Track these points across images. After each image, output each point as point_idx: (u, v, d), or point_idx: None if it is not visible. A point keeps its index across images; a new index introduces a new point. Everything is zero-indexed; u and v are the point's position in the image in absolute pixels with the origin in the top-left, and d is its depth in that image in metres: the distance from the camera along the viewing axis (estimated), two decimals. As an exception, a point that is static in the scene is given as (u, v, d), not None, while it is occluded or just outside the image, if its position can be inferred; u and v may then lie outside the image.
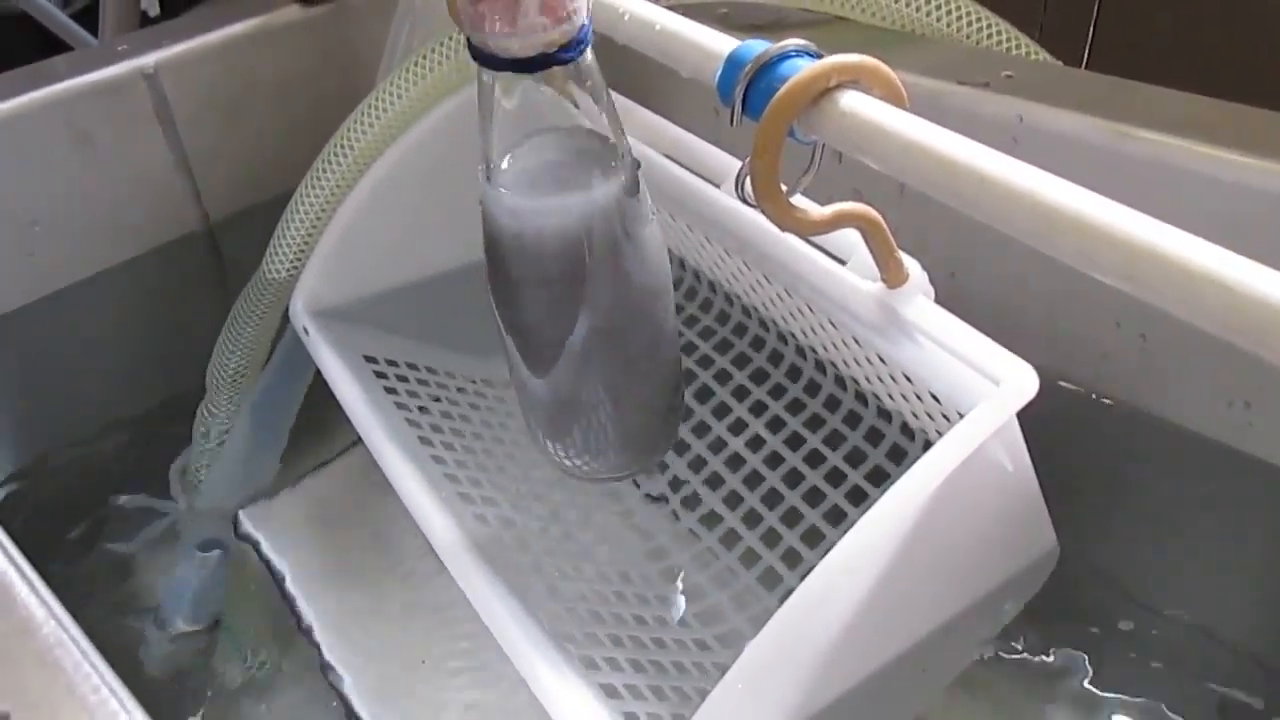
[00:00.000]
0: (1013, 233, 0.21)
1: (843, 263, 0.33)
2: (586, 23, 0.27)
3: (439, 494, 0.39)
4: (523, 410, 0.35)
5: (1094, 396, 0.43)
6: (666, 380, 0.34)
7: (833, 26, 0.48)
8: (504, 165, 0.29)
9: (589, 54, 0.27)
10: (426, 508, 0.38)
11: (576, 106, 0.28)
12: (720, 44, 0.28)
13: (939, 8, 0.46)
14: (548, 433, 0.34)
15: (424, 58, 0.49)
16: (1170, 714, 0.37)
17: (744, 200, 0.28)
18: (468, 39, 0.27)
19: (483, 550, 0.37)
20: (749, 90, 0.26)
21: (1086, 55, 0.76)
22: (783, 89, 0.25)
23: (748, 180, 0.27)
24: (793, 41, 0.26)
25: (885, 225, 0.28)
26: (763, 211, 0.27)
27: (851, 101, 0.24)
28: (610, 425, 0.33)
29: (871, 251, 0.29)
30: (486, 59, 0.27)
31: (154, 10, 1.24)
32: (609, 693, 0.33)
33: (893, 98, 0.25)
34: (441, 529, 0.37)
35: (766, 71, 0.26)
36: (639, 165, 0.30)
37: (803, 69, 0.25)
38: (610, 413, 0.33)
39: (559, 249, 0.29)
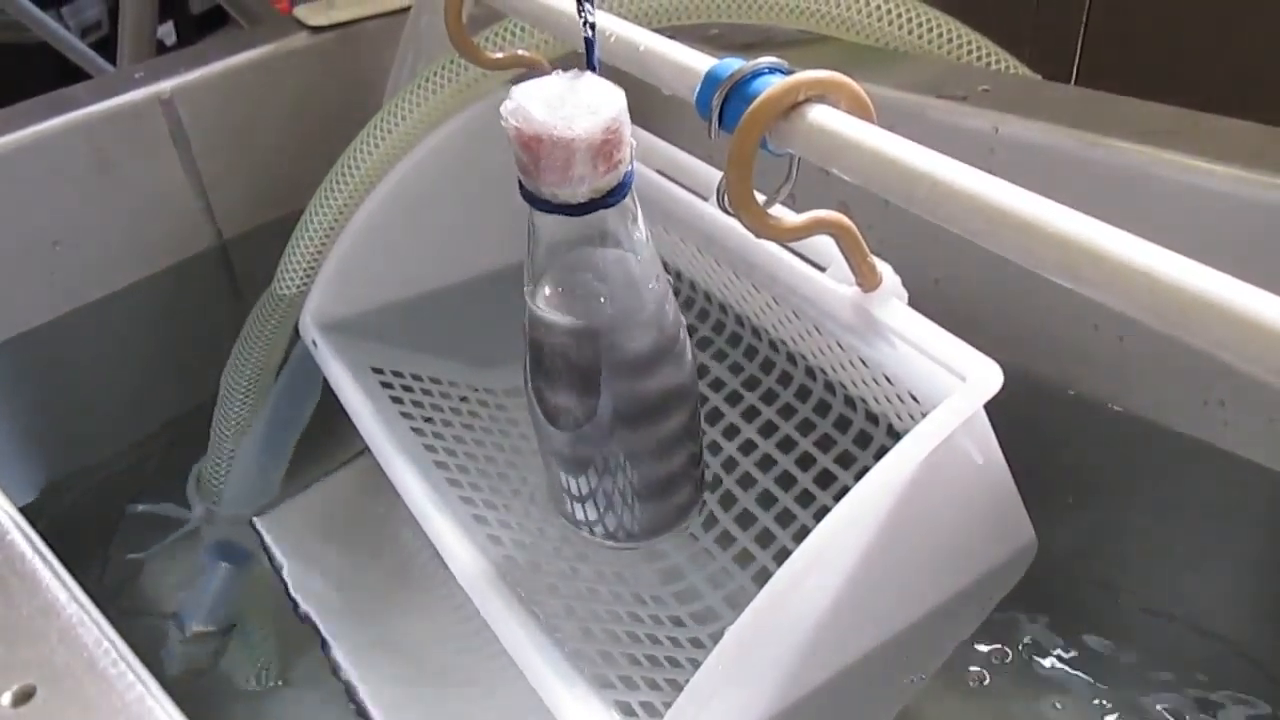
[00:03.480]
0: (963, 233, 0.22)
1: (823, 270, 0.35)
2: (630, 168, 0.29)
3: (442, 499, 0.40)
4: (551, 490, 0.38)
5: (1074, 397, 0.44)
6: (684, 460, 0.37)
7: (819, 45, 0.50)
8: (544, 285, 0.32)
9: (632, 194, 0.30)
10: (430, 512, 0.39)
11: (616, 235, 0.31)
12: (698, 62, 0.29)
13: (920, 25, 0.48)
14: (578, 511, 0.38)
15: (427, 81, 0.51)
16: (1155, 709, 0.38)
17: (724, 209, 0.29)
18: (520, 181, 0.29)
19: (483, 550, 0.38)
20: (725, 105, 0.28)
21: (1074, 75, 0.78)
22: (754, 104, 0.26)
23: (725, 192, 0.28)
24: (765, 60, 0.28)
25: (857, 231, 0.30)
26: (739, 219, 0.28)
27: (819, 115, 0.26)
28: (631, 500, 0.36)
29: (845, 257, 0.31)
30: (538, 203, 0.29)
31: (170, 39, 1.28)
32: (603, 682, 0.34)
33: (859, 110, 0.27)
34: (444, 531, 0.38)
35: (741, 87, 0.27)
36: (671, 283, 0.33)
37: (773, 85, 0.27)
38: (632, 489, 0.36)
39: (592, 365, 0.32)
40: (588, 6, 0.30)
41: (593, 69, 0.30)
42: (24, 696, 0.22)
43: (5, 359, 0.55)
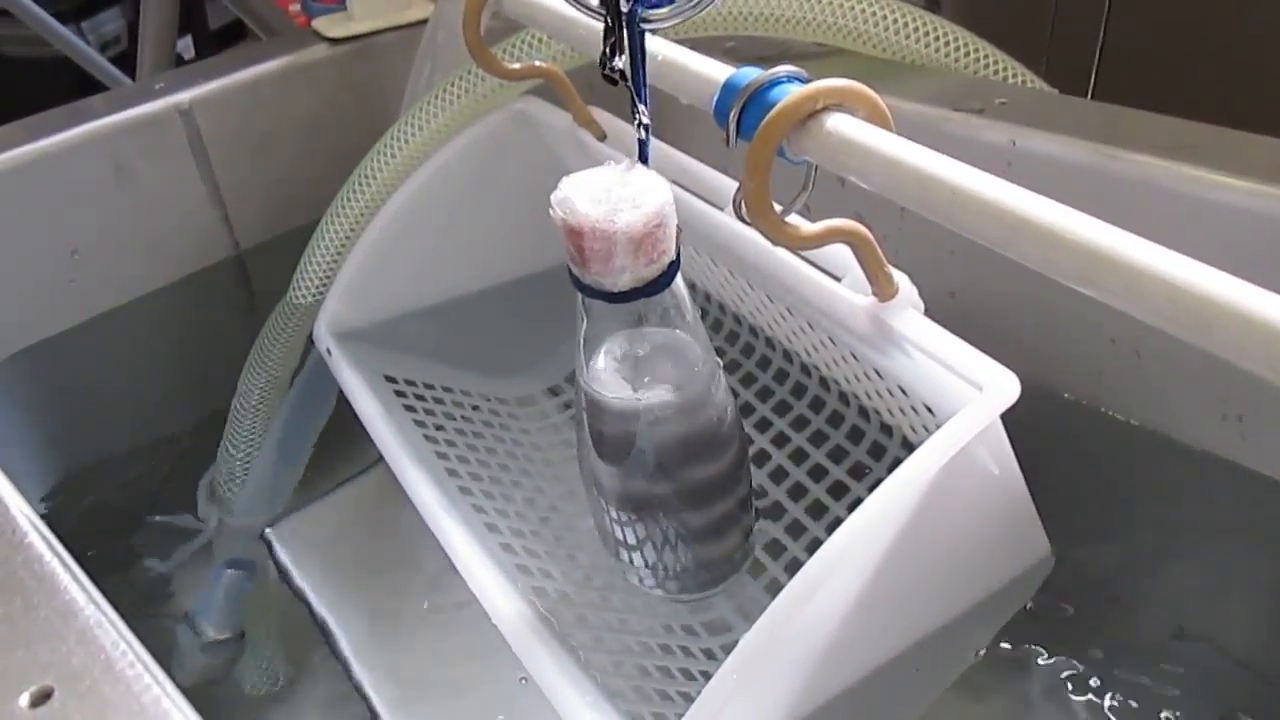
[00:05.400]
0: (982, 241, 0.22)
1: (838, 280, 0.35)
2: (675, 258, 0.30)
3: (455, 507, 0.41)
4: (605, 544, 0.39)
5: (1090, 411, 0.44)
6: (733, 513, 0.38)
7: (835, 59, 0.50)
8: (595, 364, 0.34)
9: (677, 280, 0.31)
10: (443, 520, 0.39)
11: (664, 317, 0.32)
12: (717, 72, 0.30)
13: (936, 39, 0.48)
14: (633, 568, 0.39)
15: (443, 92, 0.52)
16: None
17: (740, 218, 0.29)
18: (569, 267, 0.30)
19: (496, 559, 0.38)
20: (742, 114, 0.28)
21: (1091, 90, 0.78)
22: (772, 112, 0.26)
23: (743, 200, 0.28)
24: (783, 68, 0.28)
25: (873, 240, 0.30)
26: (757, 227, 0.28)
27: (836, 123, 0.26)
28: (686, 558, 0.37)
29: (862, 266, 0.31)
30: (584, 288, 0.30)
31: (189, 54, 1.29)
32: (615, 692, 0.34)
33: (877, 119, 0.27)
34: (457, 540, 0.38)
35: (758, 96, 0.28)
36: (719, 364, 0.35)
37: (792, 93, 0.27)
38: (685, 547, 0.37)
39: (646, 435, 0.34)
40: (641, 109, 0.32)
41: (644, 162, 0.32)
42: (41, 697, 0.22)
43: (24, 366, 0.56)
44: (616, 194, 0.29)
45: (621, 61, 0.31)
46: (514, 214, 0.50)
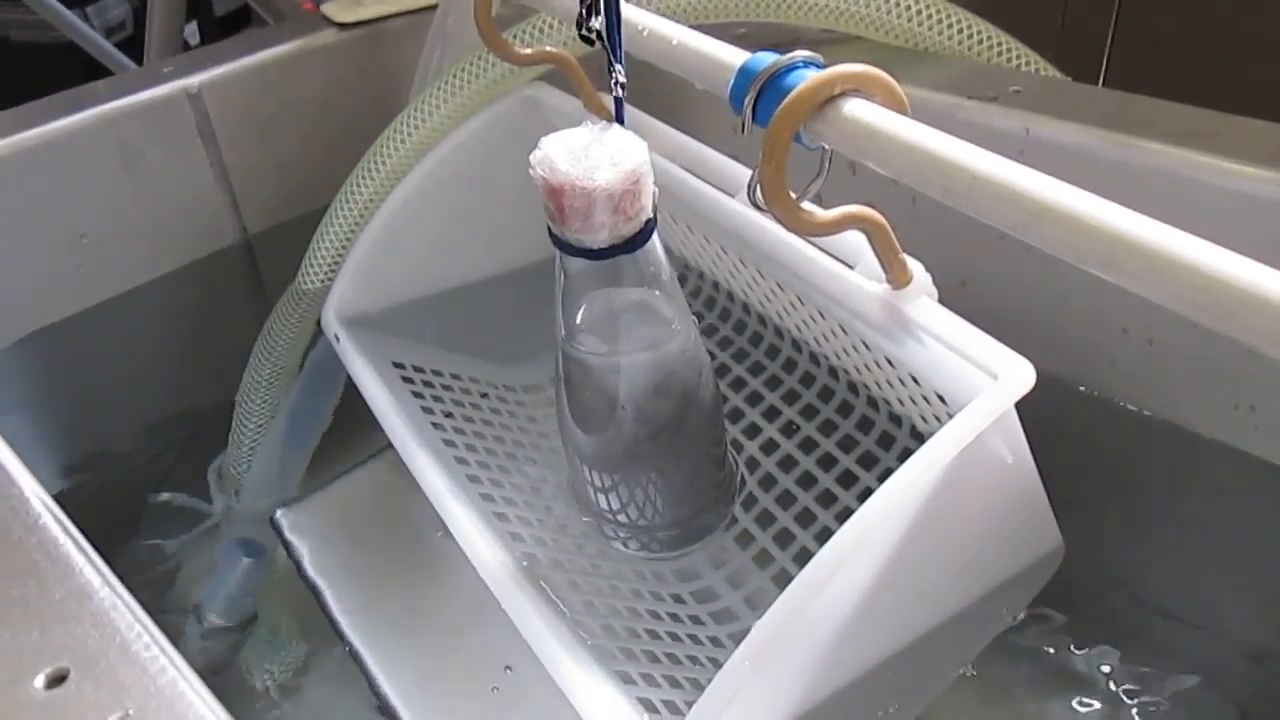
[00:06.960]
0: (1002, 227, 0.22)
1: (851, 268, 0.35)
2: (652, 217, 0.31)
3: (464, 494, 0.41)
4: (582, 505, 0.41)
5: (1101, 401, 0.44)
6: (709, 470, 0.39)
7: (849, 45, 0.49)
8: (573, 322, 0.35)
9: (654, 240, 0.32)
10: (452, 507, 0.39)
11: (641, 277, 0.33)
12: (732, 57, 0.29)
13: (950, 26, 0.48)
14: (613, 528, 0.40)
15: (452, 78, 0.52)
16: (1175, 716, 0.37)
17: (755, 205, 0.29)
18: (548, 226, 0.31)
19: (505, 546, 0.38)
20: (758, 99, 0.28)
21: (1102, 78, 0.77)
22: (789, 97, 0.26)
23: (758, 186, 0.28)
24: (800, 53, 0.28)
25: (889, 227, 0.30)
26: (772, 214, 0.28)
27: (854, 108, 0.26)
28: (663, 515, 0.39)
29: (876, 253, 0.30)
30: (563, 246, 0.32)
31: (194, 40, 1.29)
32: (625, 679, 0.34)
33: (894, 104, 0.27)
34: (466, 527, 0.38)
35: (775, 81, 0.27)
36: (695, 320, 0.36)
37: (809, 78, 0.27)
38: (656, 507, 0.38)
39: (625, 392, 0.35)
40: (618, 67, 0.32)
41: (620, 122, 0.33)
42: (57, 679, 0.22)
43: (31, 351, 0.56)
44: (595, 152, 0.29)
45: (598, 22, 0.32)
46: (523, 200, 0.50)
